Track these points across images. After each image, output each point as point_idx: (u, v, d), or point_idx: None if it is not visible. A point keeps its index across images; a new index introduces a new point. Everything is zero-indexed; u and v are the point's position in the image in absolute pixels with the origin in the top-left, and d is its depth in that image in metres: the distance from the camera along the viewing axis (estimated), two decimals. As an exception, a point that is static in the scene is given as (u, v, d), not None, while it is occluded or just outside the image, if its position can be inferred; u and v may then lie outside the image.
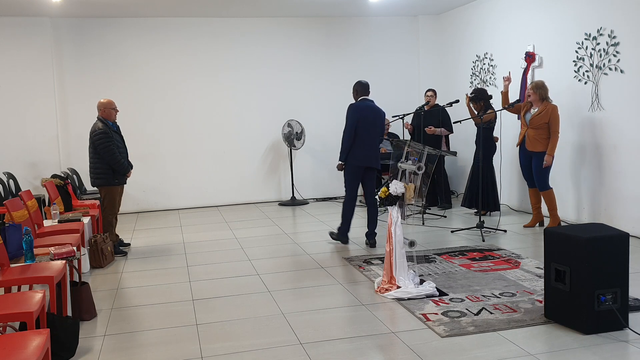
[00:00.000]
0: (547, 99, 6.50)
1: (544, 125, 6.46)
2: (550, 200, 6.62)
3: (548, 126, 6.45)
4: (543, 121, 6.45)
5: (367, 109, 6.28)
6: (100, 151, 6.22)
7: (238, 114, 9.52)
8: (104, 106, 6.41)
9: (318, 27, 9.71)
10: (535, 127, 6.51)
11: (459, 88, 9.17)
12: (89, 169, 6.40)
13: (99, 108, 6.41)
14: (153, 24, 9.10)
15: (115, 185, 6.43)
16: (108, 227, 6.47)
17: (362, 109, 6.25)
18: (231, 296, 4.79)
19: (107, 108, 6.40)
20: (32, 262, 4.21)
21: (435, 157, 5.43)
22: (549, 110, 6.43)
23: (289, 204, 9.38)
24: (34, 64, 8.65)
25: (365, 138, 6.24)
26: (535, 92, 6.50)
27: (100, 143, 6.21)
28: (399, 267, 4.62)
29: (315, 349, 3.66)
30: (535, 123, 6.49)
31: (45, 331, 2.92)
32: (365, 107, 6.28)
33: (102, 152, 6.22)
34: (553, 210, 6.63)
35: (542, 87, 6.51)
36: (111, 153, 6.24)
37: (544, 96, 6.49)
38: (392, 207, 4.67)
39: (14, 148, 8.62)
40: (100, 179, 6.33)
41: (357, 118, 6.20)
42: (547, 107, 6.45)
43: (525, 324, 3.90)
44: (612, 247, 3.66)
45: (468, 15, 9.08)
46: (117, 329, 4.16)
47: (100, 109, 6.40)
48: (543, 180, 6.59)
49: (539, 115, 6.48)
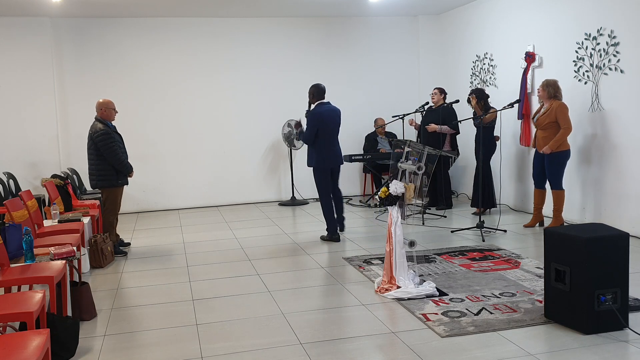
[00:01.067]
0: (556, 97, 6.43)
1: (552, 124, 6.39)
2: (559, 201, 6.57)
3: (556, 125, 6.36)
4: (549, 120, 6.38)
5: (326, 112, 6.58)
6: (104, 152, 6.16)
7: (238, 114, 9.52)
8: (104, 106, 6.33)
9: (318, 27, 9.71)
10: (542, 128, 6.47)
11: (459, 88, 9.17)
12: (90, 171, 6.32)
13: (99, 108, 6.34)
14: (153, 24, 9.10)
15: (119, 187, 6.40)
16: (108, 228, 6.46)
17: (320, 114, 6.55)
18: (231, 296, 4.79)
19: (107, 108, 6.33)
20: (32, 262, 4.21)
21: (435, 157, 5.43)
22: (554, 108, 6.36)
23: (289, 204, 9.38)
24: (34, 64, 8.65)
25: (329, 140, 6.62)
26: (544, 89, 6.45)
27: (103, 144, 6.15)
28: (399, 267, 4.62)
29: (315, 349, 3.66)
30: (542, 123, 6.45)
31: (45, 331, 2.92)
32: (324, 112, 6.57)
33: (106, 153, 6.17)
34: (558, 211, 6.60)
35: (552, 85, 6.44)
36: (115, 153, 6.20)
37: (552, 94, 6.42)
38: (392, 207, 4.67)
39: (14, 148, 8.62)
40: (103, 181, 6.26)
41: (317, 126, 6.51)
42: (552, 106, 6.40)
43: (525, 324, 3.90)
44: (612, 247, 3.66)
45: (468, 15, 9.08)
46: (117, 329, 4.16)
47: (100, 109, 6.32)
48: (557, 179, 6.53)
49: (544, 114, 6.44)
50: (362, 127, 9.78)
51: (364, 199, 9.57)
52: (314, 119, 6.51)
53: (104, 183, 6.29)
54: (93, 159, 6.28)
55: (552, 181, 6.58)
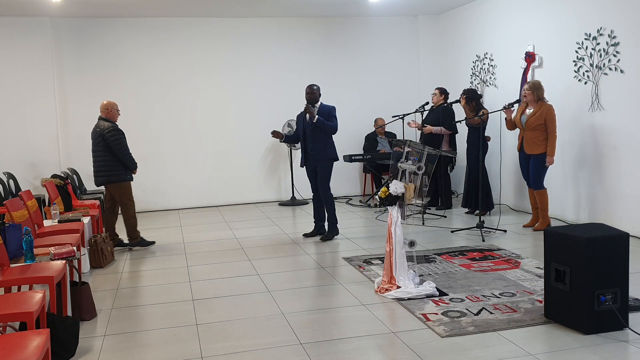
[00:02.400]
0: (542, 99, 6.49)
1: (540, 126, 6.44)
2: (543, 200, 6.62)
3: (544, 127, 6.43)
4: (539, 122, 6.42)
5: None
6: (115, 147, 6.31)
7: (238, 114, 9.52)
8: (109, 107, 6.49)
9: (318, 27, 9.71)
10: (531, 129, 6.50)
11: (459, 88, 9.13)
12: (97, 168, 6.41)
13: (105, 108, 6.48)
14: (153, 24, 9.10)
15: (128, 181, 6.53)
16: (131, 222, 6.53)
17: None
18: (231, 296, 4.79)
19: (112, 109, 6.50)
20: (32, 262, 4.21)
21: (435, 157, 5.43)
22: (544, 110, 6.40)
23: (289, 204, 9.38)
24: (34, 64, 8.65)
25: None
26: (533, 92, 6.49)
27: (114, 139, 6.31)
28: (399, 267, 4.62)
29: (315, 349, 3.66)
30: (531, 124, 6.47)
31: (45, 331, 2.92)
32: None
33: (116, 148, 6.31)
34: (544, 210, 6.64)
35: (540, 87, 6.50)
36: (125, 149, 6.40)
37: (541, 96, 6.49)
38: (392, 207, 4.67)
39: (14, 148, 8.62)
40: (113, 176, 6.39)
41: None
42: (542, 108, 6.42)
43: (525, 324, 3.90)
44: (612, 247, 3.66)
45: (468, 15, 9.08)
46: (117, 329, 4.16)
47: (106, 109, 6.47)
48: (538, 180, 6.61)
49: (534, 116, 6.46)
50: (362, 127, 9.78)
51: (364, 199, 9.57)
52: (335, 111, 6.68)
53: (114, 178, 6.40)
54: (101, 155, 6.37)
55: (534, 181, 6.63)
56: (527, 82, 6.77)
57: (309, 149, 6.64)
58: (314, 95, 6.64)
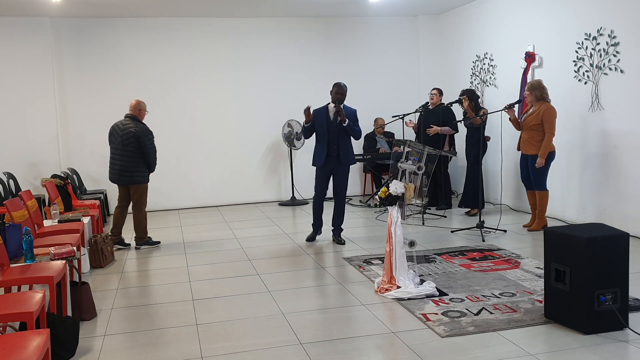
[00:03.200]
0: (544, 99, 6.44)
1: (537, 127, 6.39)
2: (543, 202, 6.59)
3: (541, 127, 6.37)
4: (535, 122, 6.38)
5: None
6: (149, 150, 6.40)
7: (238, 114, 9.52)
8: (140, 106, 6.53)
9: (318, 27, 9.71)
10: (528, 129, 6.48)
11: (459, 88, 9.12)
12: (123, 167, 6.41)
13: (137, 108, 6.51)
14: (153, 24, 9.10)
15: (147, 182, 6.65)
16: (142, 222, 6.58)
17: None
18: (231, 296, 4.79)
19: (143, 109, 6.55)
20: (32, 262, 4.21)
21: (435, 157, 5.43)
22: (541, 110, 6.35)
23: (289, 204, 9.38)
24: (34, 64, 8.65)
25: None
26: (532, 92, 6.46)
27: (150, 143, 6.41)
28: (399, 267, 4.62)
29: (315, 349, 3.66)
30: (528, 124, 6.46)
31: (45, 331, 2.92)
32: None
33: (151, 151, 6.42)
34: (542, 212, 6.63)
35: (538, 87, 6.44)
36: (155, 152, 6.49)
37: (540, 96, 6.43)
38: (392, 207, 4.67)
39: (14, 148, 8.62)
40: (140, 177, 6.49)
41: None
42: (540, 108, 6.40)
43: (525, 324, 3.90)
44: (612, 247, 3.66)
45: (468, 15, 9.08)
46: (117, 329, 4.16)
47: (139, 109, 6.50)
48: (540, 181, 6.56)
49: (530, 115, 6.45)
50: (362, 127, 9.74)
51: (364, 199, 9.57)
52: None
53: (139, 179, 6.49)
54: (131, 155, 6.38)
55: (536, 182, 6.59)
56: (528, 83, 6.76)
57: (332, 151, 6.35)
58: (343, 96, 6.33)
